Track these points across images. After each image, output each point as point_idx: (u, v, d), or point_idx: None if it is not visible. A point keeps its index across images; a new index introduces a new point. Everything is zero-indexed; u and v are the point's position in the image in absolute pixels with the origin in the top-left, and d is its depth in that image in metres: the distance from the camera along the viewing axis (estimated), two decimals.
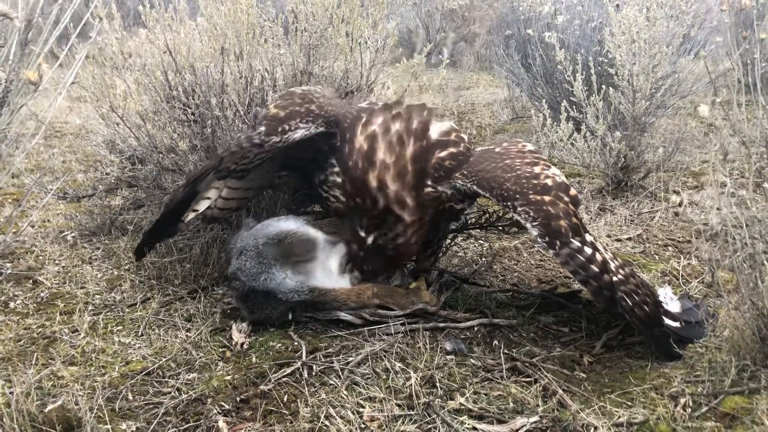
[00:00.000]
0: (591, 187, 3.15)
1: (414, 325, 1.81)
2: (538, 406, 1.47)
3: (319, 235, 1.86)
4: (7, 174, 2.05)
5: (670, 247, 2.45)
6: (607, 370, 1.64)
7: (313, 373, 1.61)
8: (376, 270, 1.90)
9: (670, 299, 1.86)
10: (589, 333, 1.81)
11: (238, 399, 1.51)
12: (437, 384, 1.55)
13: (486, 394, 1.52)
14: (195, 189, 1.94)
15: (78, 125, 4.36)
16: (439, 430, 1.39)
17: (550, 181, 1.71)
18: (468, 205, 1.90)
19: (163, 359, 1.69)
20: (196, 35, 2.30)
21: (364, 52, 2.42)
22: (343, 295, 1.84)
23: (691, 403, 1.43)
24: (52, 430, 1.35)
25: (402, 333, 1.79)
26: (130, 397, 1.53)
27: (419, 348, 1.71)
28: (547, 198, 1.66)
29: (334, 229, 1.88)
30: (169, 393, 1.55)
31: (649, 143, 3.21)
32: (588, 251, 1.63)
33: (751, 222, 1.54)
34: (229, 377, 1.61)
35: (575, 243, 1.62)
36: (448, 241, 2.28)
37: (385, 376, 1.59)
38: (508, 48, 4.54)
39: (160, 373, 1.63)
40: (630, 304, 1.64)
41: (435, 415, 1.43)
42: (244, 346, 1.75)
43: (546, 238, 1.61)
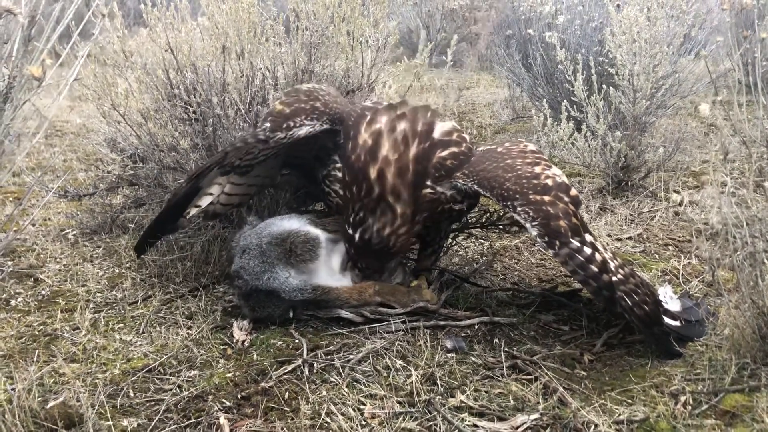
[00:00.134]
0: (591, 187, 3.15)
1: (415, 323, 1.81)
2: (539, 403, 1.47)
3: (322, 234, 1.86)
4: (8, 172, 2.05)
5: (671, 247, 2.45)
6: (607, 368, 1.64)
7: (314, 371, 1.62)
8: (371, 266, 1.90)
9: (670, 298, 1.86)
10: (589, 331, 1.81)
11: (239, 396, 1.52)
12: (438, 381, 1.55)
13: (486, 392, 1.53)
14: (197, 185, 1.94)
15: (79, 124, 4.37)
16: (439, 428, 1.39)
17: (550, 182, 1.71)
18: (468, 206, 1.90)
19: (164, 356, 1.69)
20: (198, 34, 2.30)
21: (365, 51, 2.42)
22: (345, 294, 1.85)
23: (691, 400, 1.43)
24: (54, 427, 1.35)
25: (403, 331, 1.79)
26: (132, 394, 1.54)
27: (420, 346, 1.71)
28: (547, 198, 1.66)
29: (336, 228, 1.89)
30: (171, 390, 1.55)
31: (650, 143, 3.21)
32: (587, 251, 1.63)
33: (751, 221, 1.54)
34: (230, 374, 1.61)
35: (574, 243, 1.62)
36: (449, 240, 2.28)
37: (386, 374, 1.59)
38: (508, 48, 4.53)
39: (162, 371, 1.64)
40: (629, 304, 1.64)
41: (436, 413, 1.43)
42: (245, 344, 1.76)
43: (545, 238, 1.62)
